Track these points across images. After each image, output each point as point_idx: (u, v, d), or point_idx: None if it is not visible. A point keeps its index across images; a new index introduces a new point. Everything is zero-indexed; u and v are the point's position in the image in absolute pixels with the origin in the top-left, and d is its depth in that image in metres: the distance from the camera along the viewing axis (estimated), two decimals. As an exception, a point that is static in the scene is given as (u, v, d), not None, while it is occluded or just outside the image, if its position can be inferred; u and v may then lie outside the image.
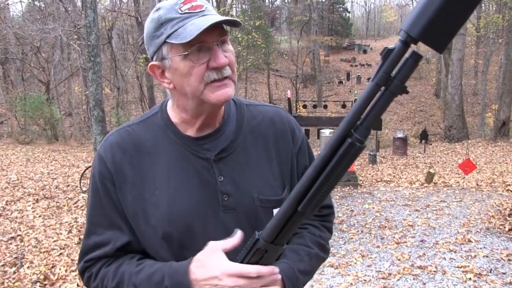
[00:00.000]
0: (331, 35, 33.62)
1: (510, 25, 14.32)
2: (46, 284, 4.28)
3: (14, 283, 4.29)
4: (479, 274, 3.98)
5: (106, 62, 18.48)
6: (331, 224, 1.17)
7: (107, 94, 19.39)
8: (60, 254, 5.00)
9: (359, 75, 29.71)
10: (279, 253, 0.84)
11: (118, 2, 18.48)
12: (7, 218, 6.50)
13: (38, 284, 4.26)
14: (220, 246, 0.86)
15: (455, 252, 4.58)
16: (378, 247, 4.90)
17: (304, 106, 16.43)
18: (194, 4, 0.90)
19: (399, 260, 4.45)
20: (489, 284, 3.77)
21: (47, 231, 5.84)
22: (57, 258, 4.89)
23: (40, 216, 6.60)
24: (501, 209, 6.06)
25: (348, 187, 8.25)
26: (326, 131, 9.45)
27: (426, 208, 6.50)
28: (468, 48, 22.24)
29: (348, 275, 4.12)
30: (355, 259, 4.53)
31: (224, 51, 0.92)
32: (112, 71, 17.86)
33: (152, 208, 0.96)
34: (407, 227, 5.57)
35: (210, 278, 0.84)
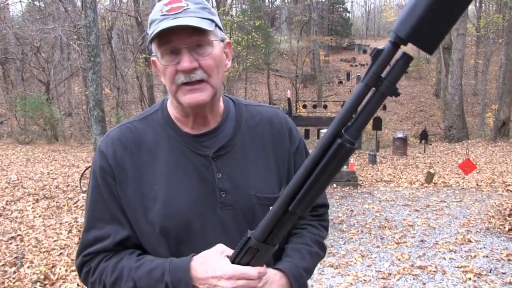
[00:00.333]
0: (331, 35, 33.63)
1: (510, 25, 14.32)
2: (46, 284, 4.27)
3: (14, 282, 4.28)
4: (479, 274, 3.98)
5: (106, 62, 18.47)
6: (327, 223, 1.20)
7: (107, 94, 19.38)
8: (60, 254, 5.00)
9: (359, 75, 29.64)
10: (271, 253, 0.84)
11: (118, 2, 18.49)
12: (7, 218, 6.50)
13: (38, 284, 4.25)
14: (227, 251, 0.88)
15: (455, 252, 4.58)
16: (378, 247, 4.90)
17: (304, 106, 16.44)
18: (175, 5, 0.91)
19: (399, 260, 4.45)
20: (489, 284, 3.77)
21: (47, 231, 5.83)
22: (57, 258, 4.88)
23: (40, 216, 6.59)
24: (501, 209, 6.06)
25: (348, 187, 8.25)
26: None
27: (426, 208, 6.50)
28: (468, 48, 22.24)
29: (348, 275, 4.12)
30: (355, 259, 4.53)
31: (200, 54, 0.92)
32: (112, 71, 17.85)
33: (151, 203, 0.97)
34: (407, 227, 5.57)
35: (210, 278, 0.85)
